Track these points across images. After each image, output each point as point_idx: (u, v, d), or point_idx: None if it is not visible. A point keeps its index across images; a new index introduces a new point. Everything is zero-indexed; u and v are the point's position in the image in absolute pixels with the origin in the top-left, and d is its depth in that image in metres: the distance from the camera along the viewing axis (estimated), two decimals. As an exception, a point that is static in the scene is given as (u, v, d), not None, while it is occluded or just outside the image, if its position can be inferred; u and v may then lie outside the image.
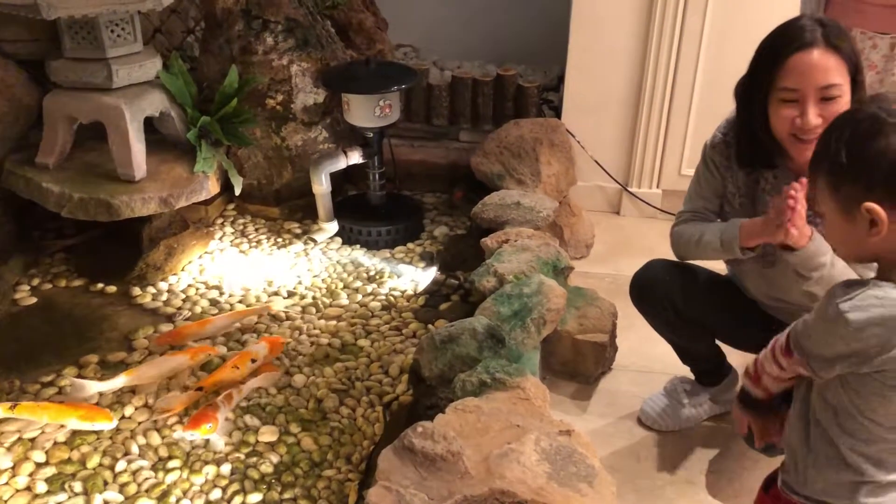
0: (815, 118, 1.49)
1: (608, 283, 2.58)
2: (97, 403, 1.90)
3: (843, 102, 1.50)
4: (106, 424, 1.82)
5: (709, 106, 2.77)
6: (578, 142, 2.94)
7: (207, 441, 1.81)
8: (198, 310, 2.29)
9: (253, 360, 2.00)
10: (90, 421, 1.81)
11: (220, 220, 2.75)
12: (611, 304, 2.20)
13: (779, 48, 1.53)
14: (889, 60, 2.07)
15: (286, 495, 1.71)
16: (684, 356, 2.03)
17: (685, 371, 2.06)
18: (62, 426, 1.82)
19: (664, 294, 1.88)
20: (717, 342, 1.97)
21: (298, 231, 2.71)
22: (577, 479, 1.44)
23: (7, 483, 1.71)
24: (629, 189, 3.01)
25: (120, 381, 1.92)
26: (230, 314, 2.23)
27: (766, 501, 1.35)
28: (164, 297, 2.35)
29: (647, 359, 2.23)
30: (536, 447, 1.49)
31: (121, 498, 1.69)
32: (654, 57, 2.80)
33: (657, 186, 2.99)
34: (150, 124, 2.44)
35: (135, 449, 1.80)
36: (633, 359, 2.24)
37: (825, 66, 1.49)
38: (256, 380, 1.97)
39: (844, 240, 1.15)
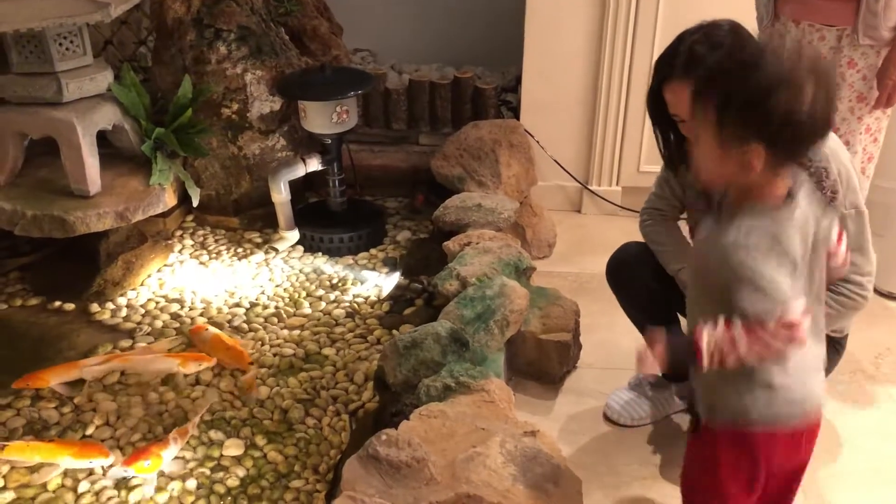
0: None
1: (571, 281, 2.60)
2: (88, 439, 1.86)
3: None
4: (102, 460, 1.75)
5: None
6: (538, 142, 2.95)
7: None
8: (158, 324, 2.26)
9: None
10: (86, 458, 1.74)
11: (178, 233, 2.72)
12: (573, 303, 2.22)
13: (654, 76, 1.66)
14: (837, 52, 2.11)
15: (253, 509, 1.70)
16: None
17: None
18: (55, 465, 1.75)
19: (639, 273, 1.94)
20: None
21: (259, 241, 2.69)
22: (543, 480, 1.45)
23: (-35, 510, 1.68)
24: (589, 187, 3.03)
25: (109, 365, 1.96)
26: (103, 357, 2.09)
27: (699, 443, 1.38)
28: (124, 312, 2.31)
29: (611, 356, 2.25)
30: (502, 449, 1.49)
31: (84, 520, 1.66)
32: (609, 55, 2.82)
33: (617, 184, 3.02)
34: (103, 138, 2.40)
35: (98, 469, 1.76)
36: (597, 357, 2.25)
37: (686, 97, 1.47)
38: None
39: (712, 164, 1.20)
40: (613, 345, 2.27)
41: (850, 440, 1.98)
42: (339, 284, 2.47)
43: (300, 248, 2.64)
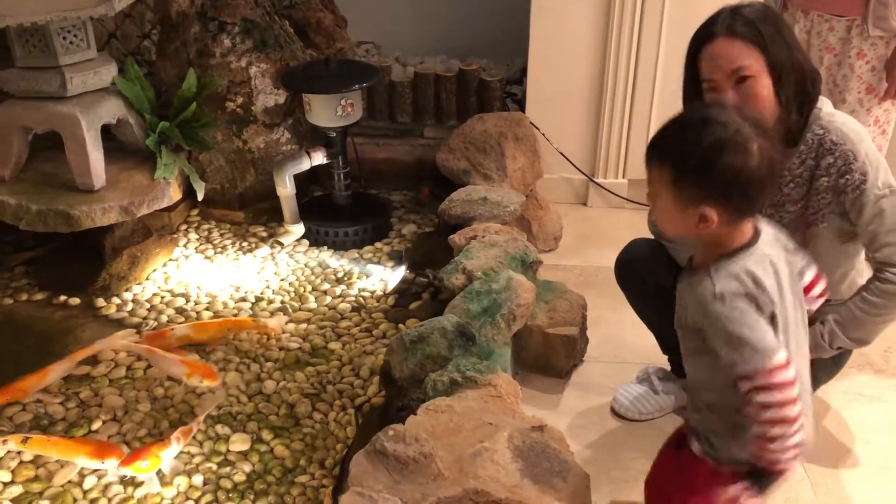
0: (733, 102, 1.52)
1: (577, 275, 2.59)
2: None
3: (759, 82, 1.54)
4: (116, 462, 1.73)
5: (671, 93, 2.75)
6: (543, 134, 2.94)
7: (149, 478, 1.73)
8: (164, 318, 2.26)
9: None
10: (99, 459, 1.73)
11: (183, 227, 2.71)
12: (580, 297, 2.20)
13: (692, 43, 1.61)
14: (846, 43, 2.10)
15: (260, 503, 1.69)
16: (665, 344, 2.03)
17: (657, 361, 2.07)
18: (71, 463, 1.74)
19: (647, 270, 1.90)
20: None
21: (264, 235, 2.68)
22: (550, 475, 1.45)
23: (-28, 505, 1.68)
24: (595, 180, 3.02)
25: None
26: (68, 358, 2.05)
27: (678, 460, 1.39)
28: (129, 307, 2.31)
29: (618, 350, 2.24)
30: (509, 444, 1.49)
31: (90, 515, 1.66)
32: (616, 46, 2.80)
33: (623, 176, 3.00)
34: (107, 132, 2.39)
35: (105, 464, 1.76)
36: (604, 350, 2.24)
37: (727, 52, 1.54)
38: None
39: (672, 223, 1.25)
40: (620, 338, 2.26)
41: (860, 434, 1.97)
42: (345, 278, 2.46)
43: (305, 241, 2.64)
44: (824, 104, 1.65)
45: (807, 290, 1.34)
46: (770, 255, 1.24)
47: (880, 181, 1.61)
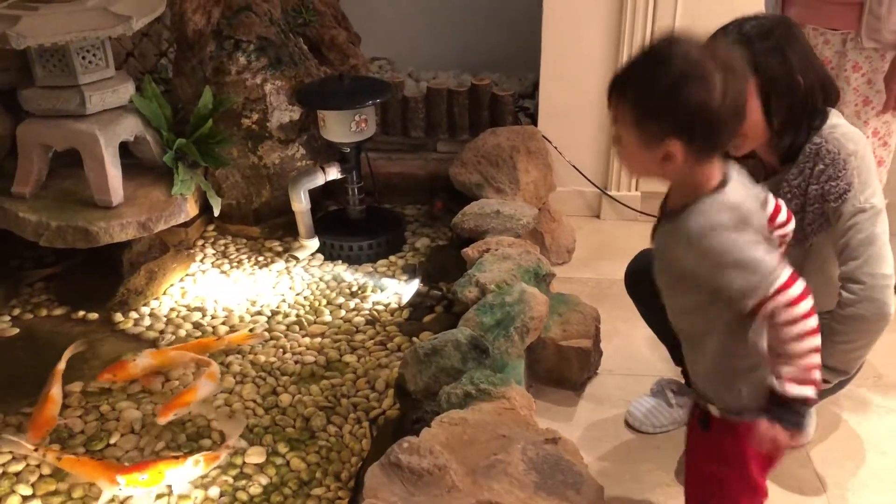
0: None
1: (591, 287, 2.59)
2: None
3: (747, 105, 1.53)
4: (141, 489, 1.72)
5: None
6: (556, 147, 2.95)
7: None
8: (181, 333, 2.28)
9: None
10: (117, 484, 1.72)
11: (200, 242, 2.75)
12: (593, 309, 2.21)
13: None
14: (841, 56, 2.10)
15: (276, 516, 1.71)
16: (677, 355, 2.03)
17: (670, 373, 2.07)
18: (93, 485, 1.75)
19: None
20: None
21: (279, 249, 2.71)
22: (564, 487, 1.45)
23: (-7, 518, 1.70)
24: (608, 193, 3.02)
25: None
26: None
27: (713, 438, 1.37)
28: (147, 321, 2.34)
29: (632, 362, 2.24)
30: (523, 457, 1.50)
31: (109, 527, 1.68)
32: (627, 59, 2.81)
33: (636, 189, 3.01)
34: (125, 149, 2.43)
35: (121, 478, 1.78)
36: (618, 363, 2.24)
37: None
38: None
39: (638, 162, 1.24)
40: (634, 351, 2.26)
41: (873, 445, 1.96)
42: (359, 292, 2.48)
43: (320, 256, 2.66)
44: (833, 116, 1.65)
45: (770, 220, 1.33)
46: (743, 191, 1.23)
47: (864, 195, 1.61)
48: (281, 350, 2.21)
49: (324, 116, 2.57)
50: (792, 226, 1.38)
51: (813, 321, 1.18)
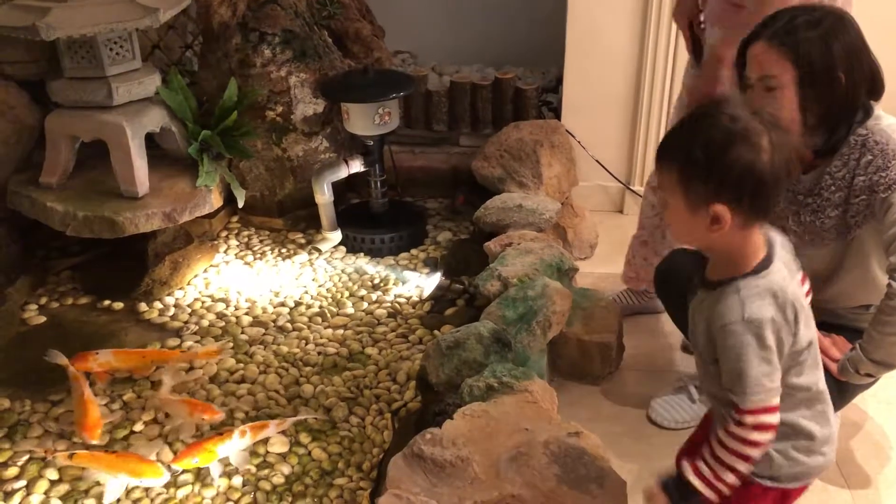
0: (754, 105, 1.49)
1: (613, 282, 2.58)
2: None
3: (783, 95, 1.51)
4: (154, 480, 1.74)
5: (708, 102, 2.77)
6: (579, 142, 2.94)
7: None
8: (205, 323, 2.30)
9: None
10: (137, 476, 1.74)
11: (224, 233, 2.76)
12: (616, 305, 2.20)
13: (747, 36, 1.59)
14: None
15: (298, 506, 1.72)
16: None
17: (693, 369, 2.06)
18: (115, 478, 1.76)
19: (688, 280, 1.88)
20: None
21: (302, 241, 2.72)
22: (587, 481, 1.45)
23: (21, 503, 1.72)
24: (631, 187, 3.01)
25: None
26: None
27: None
28: (171, 311, 2.36)
29: (654, 358, 2.23)
30: (546, 450, 1.49)
31: (134, 514, 1.70)
32: (652, 53, 2.80)
33: (659, 184, 2.99)
34: (151, 140, 2.45)
35: (143, 481, 1.78)
36: (640, 358, 2.24)
37: (761, 57, 1.53)
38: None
39: (684, 228, 1.23)
40: (656, 346, 2.26)
41: (901, 445, 1.95)
42: (381, 284, 2.49)
43: (342, 248, 2.67)
44: (876, 108, 1.61)
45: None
46: (786, 272, 1.22)
47: None
48: (304, 341, 2.22)
49: (347, 109, 2.57)
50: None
51: (757, 453, 1.21)
